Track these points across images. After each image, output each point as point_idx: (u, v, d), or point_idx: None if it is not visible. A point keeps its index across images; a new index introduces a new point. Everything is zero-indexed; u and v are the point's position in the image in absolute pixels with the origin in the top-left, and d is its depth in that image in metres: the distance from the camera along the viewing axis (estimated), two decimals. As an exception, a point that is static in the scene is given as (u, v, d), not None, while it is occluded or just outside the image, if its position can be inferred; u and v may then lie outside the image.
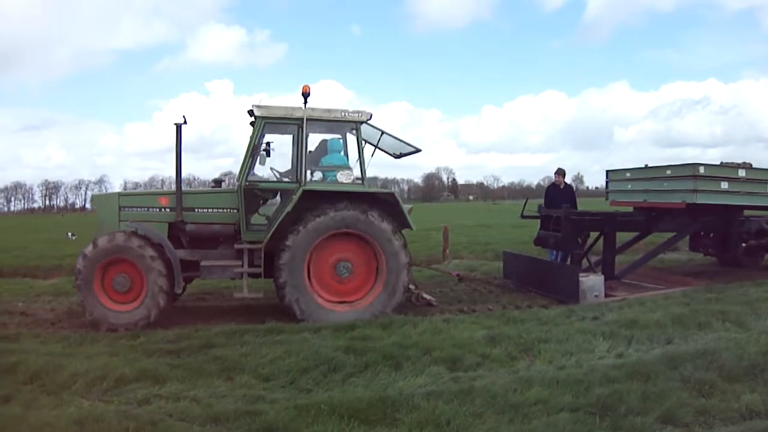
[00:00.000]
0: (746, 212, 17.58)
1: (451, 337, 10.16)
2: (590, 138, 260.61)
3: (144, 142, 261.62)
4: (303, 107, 12.54)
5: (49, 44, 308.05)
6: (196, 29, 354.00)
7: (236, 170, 12.96)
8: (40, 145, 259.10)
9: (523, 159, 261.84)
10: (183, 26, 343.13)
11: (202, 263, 12.53)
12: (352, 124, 12.83)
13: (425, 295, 14.05)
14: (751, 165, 16.22)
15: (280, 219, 12.24)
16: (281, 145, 13.40)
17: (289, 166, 13.41)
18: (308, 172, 12.75)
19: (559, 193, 18.49)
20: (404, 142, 13.90)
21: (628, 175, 18.00)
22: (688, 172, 15.47)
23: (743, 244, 17.71)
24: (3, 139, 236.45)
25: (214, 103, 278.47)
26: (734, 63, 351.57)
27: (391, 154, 14.08)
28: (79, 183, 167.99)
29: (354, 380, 8.40)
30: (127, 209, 12.88)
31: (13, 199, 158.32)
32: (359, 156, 12.76)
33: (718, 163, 16.45)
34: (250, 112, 12.75)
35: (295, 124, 12.59)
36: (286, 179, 12.95)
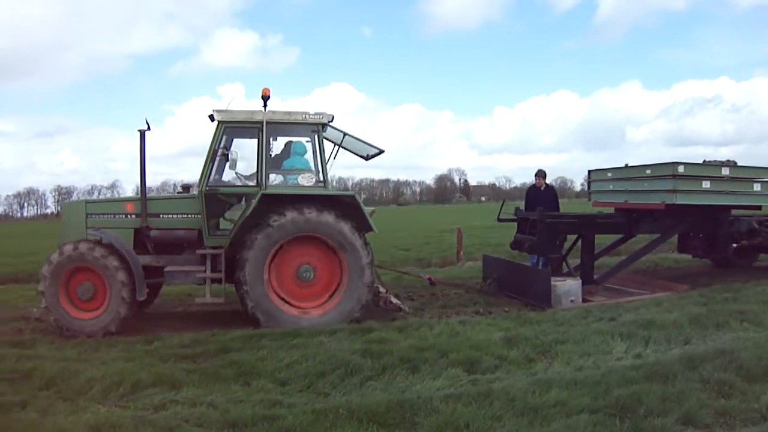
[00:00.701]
0: (736, 212, 17.10)
1: (468, 339, 10.13)
2: (602, 138, 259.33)
3: (156, 147, 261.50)
4: (263, 111, 12.59)
5: (62, 51, 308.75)
6: (209, 34, 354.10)
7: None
8: (53, 151, 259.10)
9: (536, 160, 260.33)
10: (196, 31, 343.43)
11: (166, 269, 12.55)
12: (314, 126, 12.72)
13: (393, 300, 13.83)
14: (735, 163, 15.94)
15: (239, 223, 12.24)
16: (251, 149, 13.19)
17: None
18: (270, 175, 12.69)
19: (540, 195, 18.21)
20: (368, 144, 13.82)
21: (609, 175, 17.62)
22: (667, 171, 15.09)
23: (734, 245, 17.40)
24: (17, 146, 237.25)
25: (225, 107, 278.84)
26: (746, 61, 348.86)
27: (362, 156, 13.99)
28: (92, 188, 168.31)
29: (371, 384, 8.38)
30: (94, 216, 12.91)
31: (26, 204, 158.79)
32: (320, 158, 12.68)
33: (701, 161, 16.35)
34: (211, 117, 12.74)
35: (255, 127, 12.52)
36: (250, 183, 12.85)
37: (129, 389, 8.26)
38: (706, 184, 15.15)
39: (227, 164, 12.85)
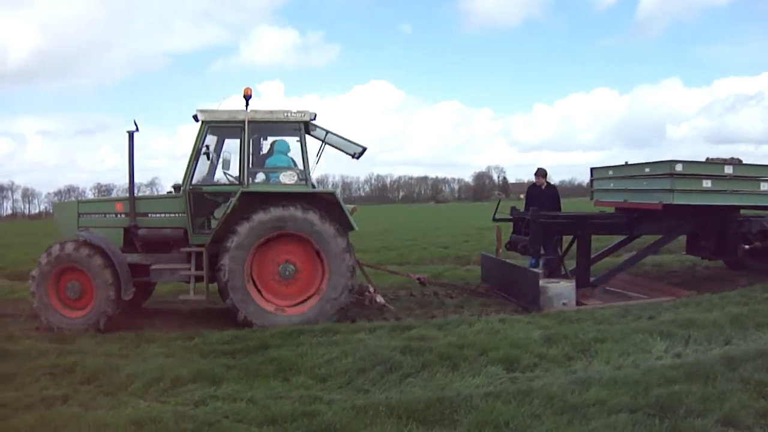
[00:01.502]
0: (747, 212, 16.32)
1: (508, 338, 10.13)
2: (642, 135, 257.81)
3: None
4: (245, 110, 12.68)
5: (103, 50, 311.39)
6: (248, 32, 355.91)
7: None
8: (93, 149, 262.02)
9: (575, 157, 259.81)
10: (235, 29, 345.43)
11: (152, 267, 12.70)
12: (296, 124, 12.79)
13: (379, 299, 13.83)
14: (740, 161, 15.53)
15: (220, 222, 12.34)
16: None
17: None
18: (253, 173, 12.82)
19: (540, 195, 17.88)
20: (352, 142, 13.76)
21: (610, 173, 17.18)
22: (664, 170, 14.57)
23: (746, 246, 16.00)
24: (59, 143, 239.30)
25: (265, 105, 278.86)
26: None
27: (350, 154, 13.88)
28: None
29: (411, 381, 8.43)
30: (85, 216, 13.24)
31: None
32: (303, 156, 12.76)
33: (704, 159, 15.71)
34: (195, 117, 12.82)
35: (238, 127, 12.63)
36: (236, 182, 12.90)
37: (169, 385, 8.39)
38: (707, 184, 14.60)
39: (219, 164, 13.02)
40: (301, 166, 13.09)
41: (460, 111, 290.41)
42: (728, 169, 14.80)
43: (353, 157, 13.84)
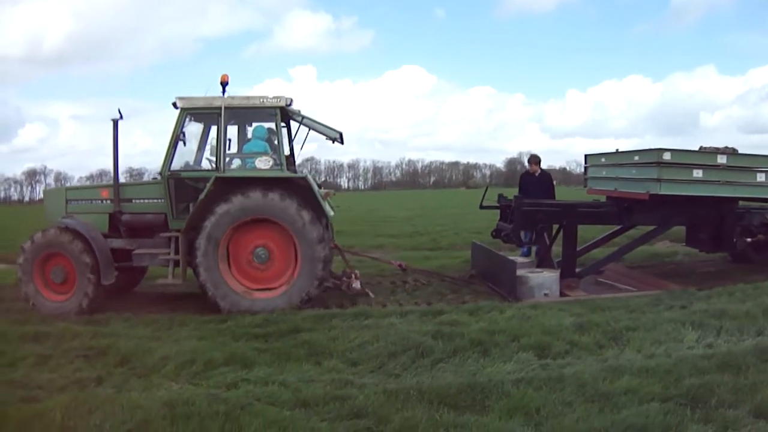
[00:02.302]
0: (748, 204, 15.69)
1: (540, 324, 10.13)
2: (675, 123, 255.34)
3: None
4: (222, 96, 12.71)
5: (136, 35, 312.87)
6: (282, 16, 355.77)
7: (318, 156, 13.10)
8: (126, 133, 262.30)
9: (607, 144, 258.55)
10: (269, 14, 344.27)
11: (134, 251, 12.87)
12: (271, 109, 12.87)
13: (355, 285, 13.69)
14: (735, 150, 14.85)
15: (195, 207, 12.40)
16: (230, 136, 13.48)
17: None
18: (229, 159, 12.92)
19: (534, 182, 17.71)
20: (327, 127, 13.72)
21: (603, 160, 16.72)
22: (652, 158, 14.04)
23: (748, 239, 15.61)
24: (91, 128, 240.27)
25: (297, 89, 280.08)
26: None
27: (330, 139, 13.77)
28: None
29: (442, 366, 8.45)
30: (73, 202, 13.46)
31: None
32: (278, 141, 12.82)
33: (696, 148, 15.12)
34: (174, 104, 12.87)
35: (215, 113, 12.72)
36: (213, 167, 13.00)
37: (201, 367, 8.50)
38: (698, 174, 13.98)
39: (207, 150, 13.22)
40: (287, 151, 13.45)
41: (493, 96, 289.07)
42: (721, 159, 14.27)
43: (333, 141, 13.82)
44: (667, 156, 13.75)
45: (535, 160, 18.10)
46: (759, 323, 10.01)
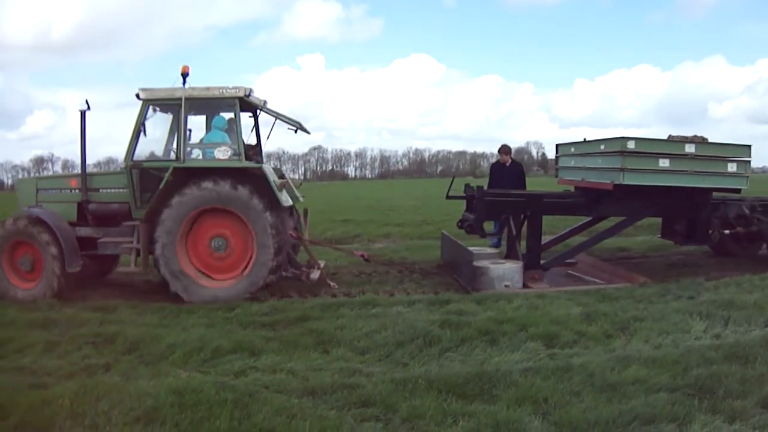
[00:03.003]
0: (726, 195, 15.06)
1: (547, 314, 10.14)
2: (684, 113, 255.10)
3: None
4: (183, 87, 12.81)
5: (146, 24, 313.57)
6: (292, 5, 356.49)
7: (325, 145, 13.12)
8: (132, 122, 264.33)
9: (616, 134, 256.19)
10: (279, 2, 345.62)
11: (99, 240, 13.00)
12: (230, 100, 12.91)
13: (313, 275, 13.57)
14: (704, 139, 14.21)
15: (155, 197, 12.52)
16: (196, 125, 13.70)
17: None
18: (190, 149, 12.98)
19: (505, 172, 17.59)
20: (285, 117, 13.88)
21: (572, 150, 16.27)
22: (615, 147, 13.63)
23: (726, 231, 15.20)
24: (99, 116, 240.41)
25: (305, 78, 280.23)
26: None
27: (293, 129, 13.92)
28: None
29: (450, 355, 8.47)
30: (43, 192, 13.63)
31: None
32: (237, 131, 12.84)
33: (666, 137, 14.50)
34: (137, 96, 12.96)
35: (176, 104, 12.82)
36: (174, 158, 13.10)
37: (209, 355, 8.53)
38: (665, 163, 13.53)
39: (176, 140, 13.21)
40: (254, 141, 13.92)
41: (501, 86, 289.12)
42: (689, 148, 13.73)
43: (296, 131, 13.96)
44: (631, 145, 13.43)
45: (505, 150, 17.98)
46: (767, 314, 9.98)
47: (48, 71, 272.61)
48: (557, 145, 17.13)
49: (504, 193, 15.33)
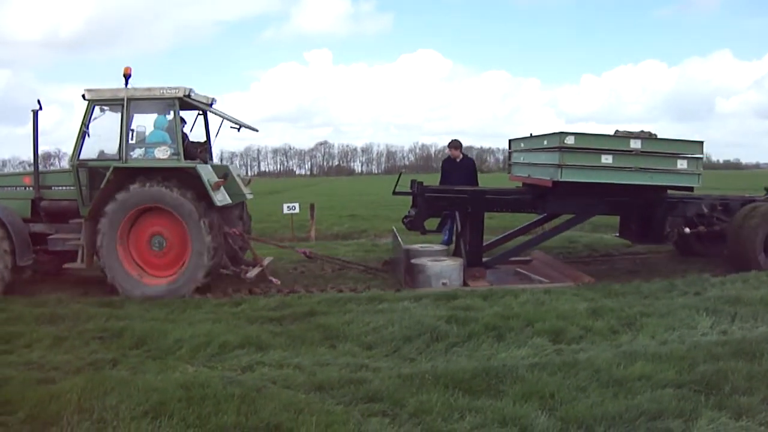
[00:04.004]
0: (684, 194, 14.42)
1: (554, 309, 10.15)
2: (690, 108, 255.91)
3: (241, 112, 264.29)
4: (125, 88, 12.96)
5: (154, 19, 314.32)
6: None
7: (331, 140, 13.15)
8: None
9: (624, 128, 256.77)
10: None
11: (50, 236, 13.20)
12: (170, 100, 12.99)
13: (249, 274, 13.51)
14: (652, 134, 13.75)
15: (97, 196, 12.69)
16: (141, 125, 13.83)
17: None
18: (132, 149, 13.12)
19: (456, 168, 17.27)
20: (231, 117, 14.22)
21: (522, 145, 15.76)
22: (554, 143, 13.26)
23: (687, 230, 14.64)
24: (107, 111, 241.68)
25: (312, 73, 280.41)
26: None
27: (235, 128, 14.38)
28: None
29: (457, 350, 8.51)
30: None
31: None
32: (176, 131, 12.94)
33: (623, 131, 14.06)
34: (83, 96, 13.09)
35: (120, 104, 12.91)
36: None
37: (216, 350, 8.55)
38: (608, 159, 13.14)
39: (133, 139, 13.39)
40: (203, 138, 14.35)
41: (508, 81, 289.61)
42: (635, 144, 13.28)
43: (239, 129, 14.37)
44: (569, 140, 13.05)
45: (455, 144, 17.71)
46: (774, 310, 9.94)
47: (55, 67, 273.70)
48: (510, 140, 16.84)
49: (444, 189, 15.16)
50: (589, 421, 6.02)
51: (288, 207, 20.56)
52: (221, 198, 12.86)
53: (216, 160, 14.90)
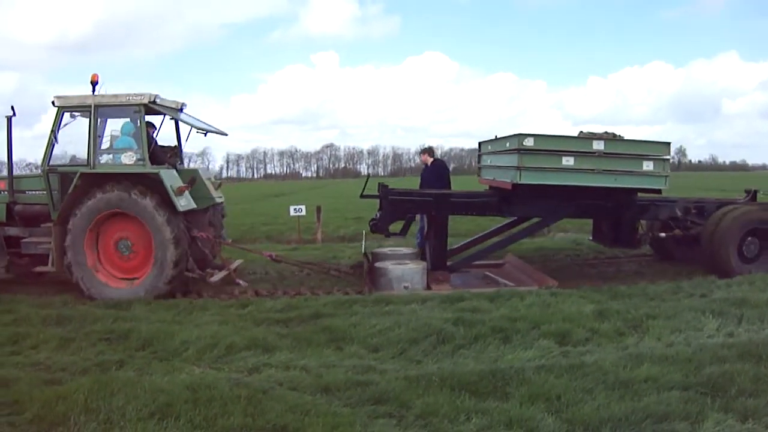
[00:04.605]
0: (655, 196, 14.26)
1: (560, 312, 10.15)
2: (697, 110, 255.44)
3: (248, 115, 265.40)
4: (92, 95, 12.98)
5: (162, 21, 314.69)
6: (308, 1, 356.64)
7: (337, 143, 13.17)
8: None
9: (628, 131, 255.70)
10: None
11: (23, 240, 13.38)
12: (135, 107, 13.05)
13: (214, 278, 13.50)
14: (616, 136, 13.58)
15: (65, 201, 12.80)
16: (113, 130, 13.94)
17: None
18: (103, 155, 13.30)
19: (428, 173, 17.38)
20: (198, 124, 14.36)
21: (489, 147, 15.69)
22: (514, 144, 13.13)
23: (662, 234, 14.69)
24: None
25: (319, 75, 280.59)
26: None
27: (201, 133, 14.47)
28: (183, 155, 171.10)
29: (463, 352, 8.51)
30: None
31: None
32: (141, 137, 12.98)
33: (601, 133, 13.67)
34: (53, 102, 13.21)
35: (88, 110, 13.00)
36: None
37: (223, 352, 8.57)
38: (569, 161, 12.93)
39: (110, 144, 13.63)
40: (175, 143, 14.61)
41: (515, 83, 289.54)
42: (598, 145, 13.06)
43: (206, 134, 14.48)
44: (528, 142, 12.89)
45: (425, 151, 17.98)
46: (780, 312, 9.92)
47: (64, 70, 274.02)
48: (479, 143, 16.93)
49: (409, 192, 15.13)
50: (596, 423, 6.02)
51: (295, 209, 20.69)
52: (185, 203, 12.89)
53: (222, 162, 15.05)
